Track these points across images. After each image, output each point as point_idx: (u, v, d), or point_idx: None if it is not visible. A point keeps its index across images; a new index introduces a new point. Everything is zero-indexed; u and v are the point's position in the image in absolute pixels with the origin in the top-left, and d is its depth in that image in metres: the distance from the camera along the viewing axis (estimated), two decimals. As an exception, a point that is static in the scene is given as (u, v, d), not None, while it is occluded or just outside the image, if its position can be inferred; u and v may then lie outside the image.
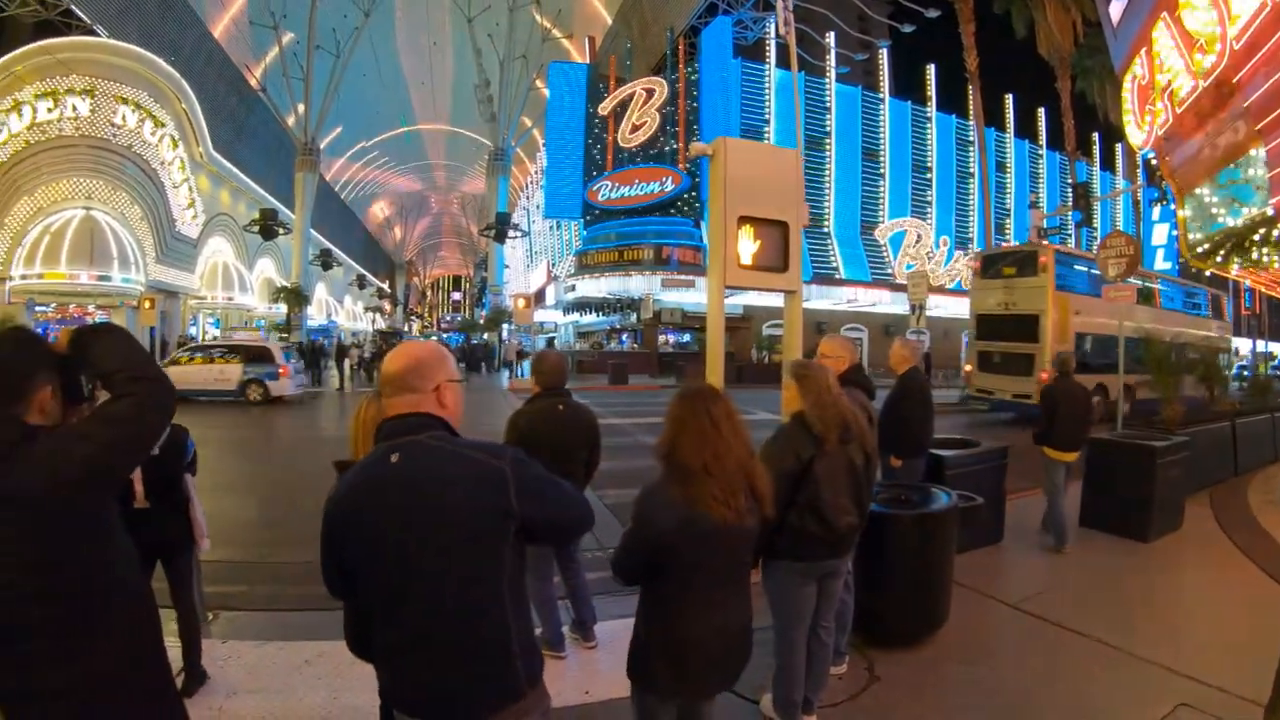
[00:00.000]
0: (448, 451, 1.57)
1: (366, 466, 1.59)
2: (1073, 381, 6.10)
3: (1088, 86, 31.73)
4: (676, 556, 2.06)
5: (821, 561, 2.92)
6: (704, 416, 2.11)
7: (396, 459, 1.55)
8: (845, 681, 3.49)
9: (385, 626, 1.56)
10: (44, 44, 27.58)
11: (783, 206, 4.93)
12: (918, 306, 17.76)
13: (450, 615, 1.52)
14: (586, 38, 38.31)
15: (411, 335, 64.99)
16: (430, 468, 1.54)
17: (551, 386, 3.77)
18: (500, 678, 1.55)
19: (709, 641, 2.12)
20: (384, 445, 1.60)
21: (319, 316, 48.69)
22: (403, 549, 1.50)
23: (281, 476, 9.47)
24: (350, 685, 3.37)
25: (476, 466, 1.55)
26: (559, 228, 43.73)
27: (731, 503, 2.05)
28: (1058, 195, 40.46)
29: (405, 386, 1.65)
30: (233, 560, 5.24)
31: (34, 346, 1.55)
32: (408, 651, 1.54)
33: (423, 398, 1.64)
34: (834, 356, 3.84)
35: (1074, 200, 25.51)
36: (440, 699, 1.54)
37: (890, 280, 33.46)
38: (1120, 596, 4.82)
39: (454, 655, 1.52)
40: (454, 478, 1.53)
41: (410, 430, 1.59)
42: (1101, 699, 3.39)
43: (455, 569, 1.52)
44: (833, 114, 33.97)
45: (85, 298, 28.43)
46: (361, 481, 1.57)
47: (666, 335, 31.45)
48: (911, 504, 4.05)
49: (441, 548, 1.51)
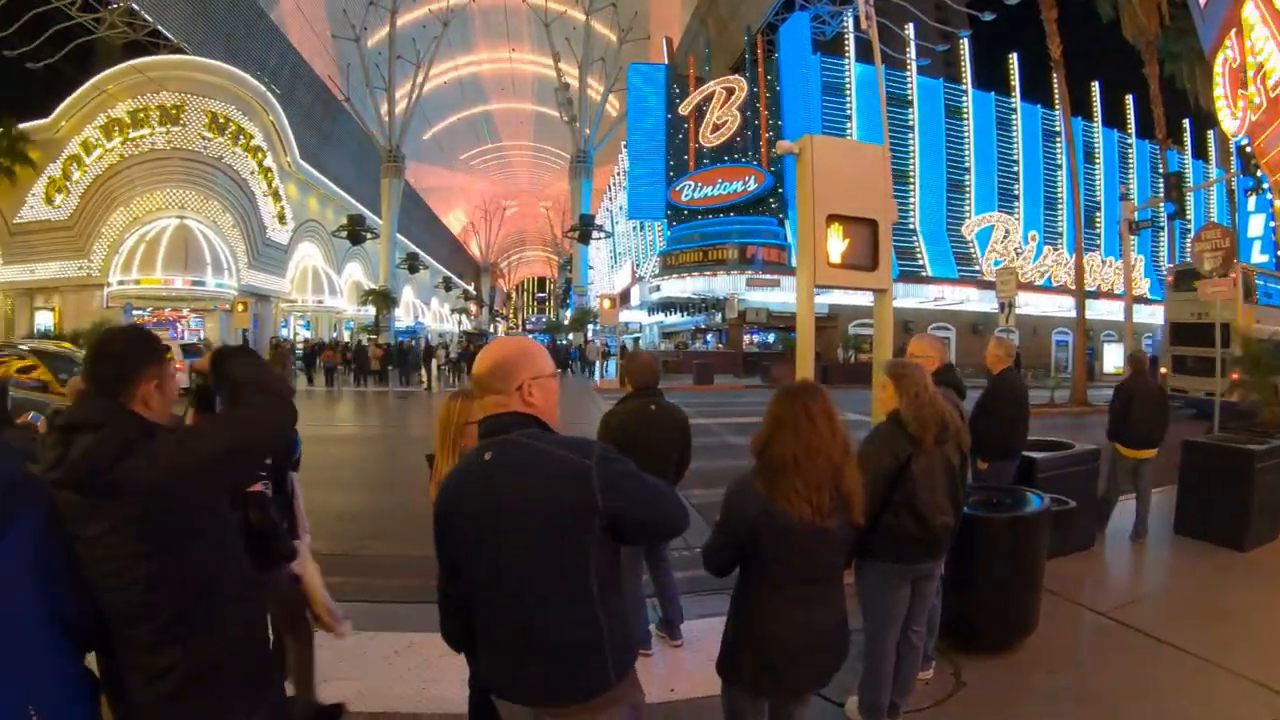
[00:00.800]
0: (537, 449, 1.60)
1: (463, 465, 1.69)
2: (1148, 379, 6.11)
3: (1176, 71, 30.34)
4: (761, 550, 2.08)
5: (917, 563, 2.88)
6: (801, 412, 2.12)
7: (489, 457, 1.61)
8: (931, 687, 3.43)
9: (481, 617, 1.65)
10: (134, 63, 29.16)
11: (871, 204, 4.86)
12: (1007, 304, 17.31)
13: (538, 608, 1.58)
14: (664, 38, 38.34)
15: (497, 335, 66.08)
16: (519, 465, 1.59)
17: (643, 386, 3.79)
18: (587, 669, 1.60)
19: (797, 640, 2.12)
20: (482, 443, 1.66)
21: (406, 318, 49.80)
22: (493, 544, 1.57)
23: (374, 471, 9.71)
24: (440, 677, 3.41)
25: (563, 464, 1.58)
26: (643, 228, 43.68)
27: (814, 500, 2.04)
28: (1148, 186, 38.84)
29: (489, 388, 1.69)
30: (329, 553, 5.22)
31: (145, 343, 1.68)
32: (500, 641, 1.63)
33: (508, 397, 1.67)
34: (924, 356, 3.75)
35: (1166, 191, 24.45)
36: (530, 686, 1.60)
37: (978, 277, 32.52)
38: (1214, 608, 4.62)
39: (542, 647, 1.58)
40: (541, 475, 1.57)
41: (503, 429, 1.64)
42: (1192, 714, 3.26)
43: (542, 564, 1.57)
44: (915, 107, 33.20)
45: (180, 302, 29.87)
46: (458, 479, 1.66)
47: (751, 335, 31.27)
48: (1003, 507, 3.97)
49: (529, 544, 1.56)
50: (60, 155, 29.29)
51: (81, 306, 28.86)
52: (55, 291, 30.16)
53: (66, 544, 1.54)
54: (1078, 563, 5.33)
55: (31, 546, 1.50)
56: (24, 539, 1.50)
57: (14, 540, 1.48)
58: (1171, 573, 5.38)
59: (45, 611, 1.54)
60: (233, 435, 1.59)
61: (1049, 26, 24.02)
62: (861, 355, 28.28)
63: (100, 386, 1.60)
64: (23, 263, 29.94)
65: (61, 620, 1.56)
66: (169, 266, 27.62)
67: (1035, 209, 36.16)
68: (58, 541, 1.54)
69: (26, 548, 1.49)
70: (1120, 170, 39.61)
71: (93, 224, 29.01)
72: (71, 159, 29.23)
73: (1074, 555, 5.39)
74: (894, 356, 3.61)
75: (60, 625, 1.56)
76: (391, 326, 34.86)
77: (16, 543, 1.48)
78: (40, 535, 1.51)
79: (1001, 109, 35.79)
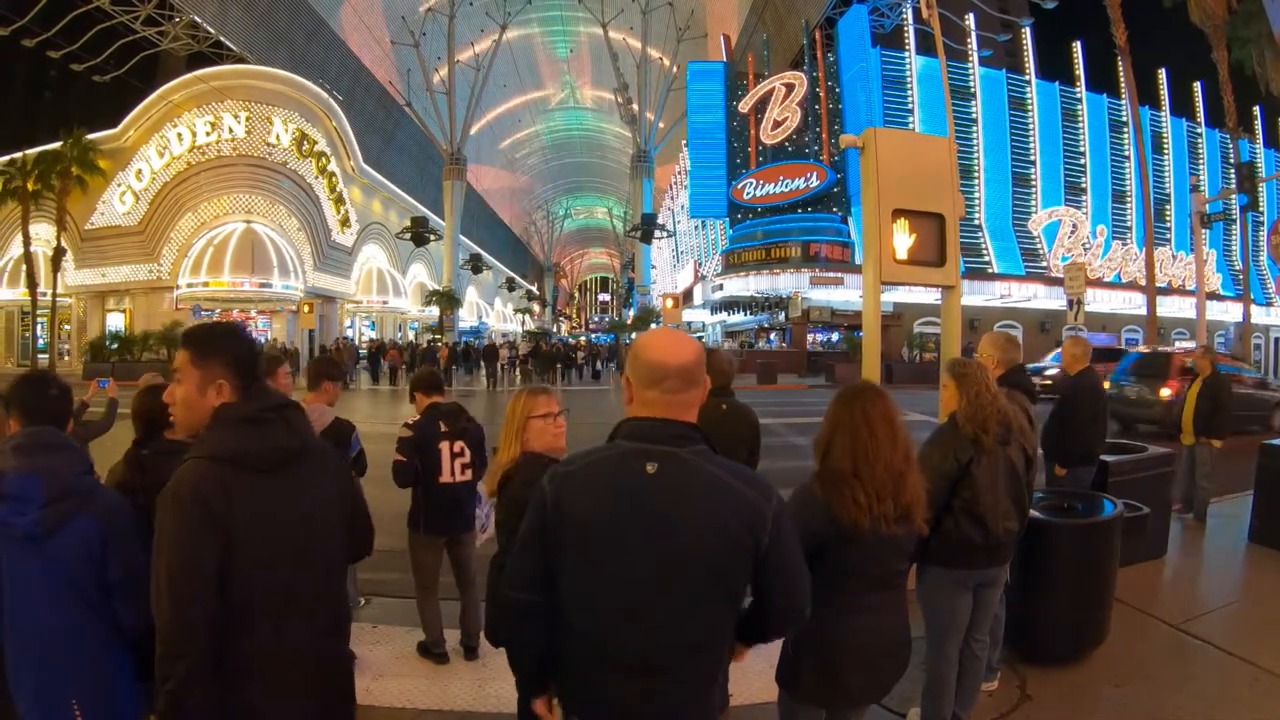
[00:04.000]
0: (715, 477, 1.43)
1: (615, 469, 1.45)
2: (1223, 376, 6.66)
3: (1245, 56, 29.17)
4: (820, 556, 2.01)
5: (978, 569, 2.78)
6: (860, 417, 2.04)
7: (654, 469, 1.41)
8: (995, 699, 3.32)
9: (589, 629, 1.46)
10: (199, 74, 30.11)
11: (937, 197, 4.70)
12: (1075, 301, 16.71)
13: (678, 644, 1.42)
14: (722, 36, 38.19)
15: (560, 336, 66.76)
16: (692, 491, 1.41)
17: (719, 387, 3.65)
18: (703, 708, 1.47)
19: (858, 648, 2.06)
20: (633, 447, 1.45)
21: (470, 319, 50.34)
22: (645, 567, 1.40)
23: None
24: (494, 675, 3.42)
25: (740, 502, 1.42)
26: (705, 227, 43.54)
27: (875, 509, 1.97)
28: (1219, 176, 37.53)
29: (696, 380, 1.49)
30: (388, 549, 5.24)
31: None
32: (617, 669, 1.43)
33: (698, 396, 1.50)
34: (985, 356, 3.61)
35: (1238, 182, 23.66)
36: (638, 717, 1.45)
37: (1045, 274, 31.80)
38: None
39: (667, 681, 1.42)
40: (716, 511, 1.40)
41: (670, 440, 1.44)
42: (1267, 736, 3.09)
43: (696, 598, 1.41)
44: (978, 99, 32.55)
45: (247, 303, 30.71)
46: (605, 483, 1.44)
47: (815, 334, 31.13)
48: (1074, 512, 3.81)
49: (692, 576, 1.41)
50: (129, 164, 30.37)
51: (152, 308, 29.99)
52: (126, 294, 31.32)
53: (132, 560, 1.64)
54: (1149, 571, 5.13)
55: (82, 552, 1.61)
56: (74, 543, 1.61)
57: (64, 540, 1.59)
58: (1247, 584, 5.14)
59: (93, 612, 1.64)
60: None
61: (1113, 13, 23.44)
62: (927, 354, 27.98)
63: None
64: (94, 267, 31.11)
65: (117, 626, 1.66)
66: (236, 269, 28.32)
67: (1103, 202, 35.25)
68: (119, 555, 1.65)
69: (77, 551, 1.61)
70: (1190, 160, 38.41)
71: (162, 229, 29.97)
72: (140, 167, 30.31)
73: (1145, 563, 5.17)
74: (962, 355, 3.52)
75: (113, 627, 1.67)
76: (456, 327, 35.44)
77: (66, 544, 1.59)
78: (92, 543, 1.63)
79: (1066, 99, 34.93)
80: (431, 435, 3.69)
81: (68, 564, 1.61)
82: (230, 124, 29.76)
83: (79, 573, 1.63)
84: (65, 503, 1.63)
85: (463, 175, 38.45)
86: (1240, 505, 6.40)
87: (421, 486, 3.72)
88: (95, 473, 1.84)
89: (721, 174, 32.82)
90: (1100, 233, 33.85)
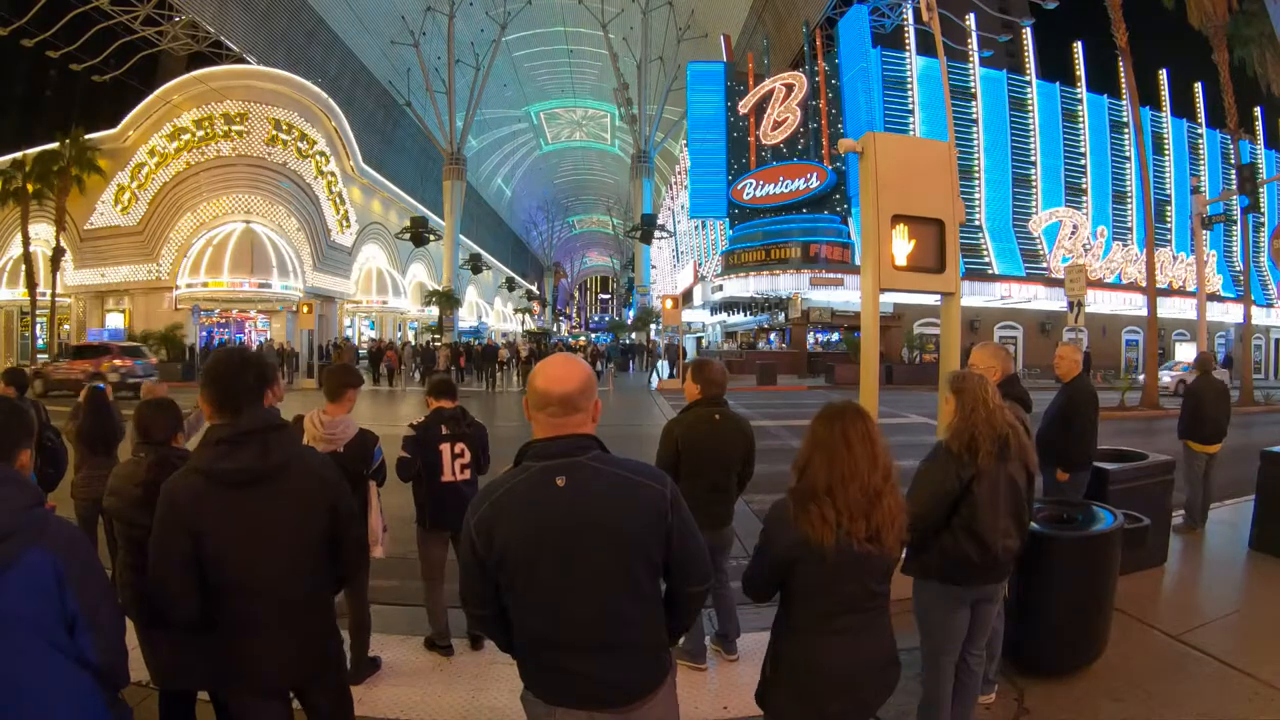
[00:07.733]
0: (617, 477, 1.64)
1: (529, 490, 1.61)
2: (1214, 379, 6.48)
3: (1247, 56, 29.01)
4: (795, 576, 2.00)
5: (976, 586, 2.75)
6: (839, 437, 2.02)
7: (563, 482, 1.60)
8: (993, 712, 3.30)
9: (543, 627, 1.63)
10: (198, 74, 30.18)
11: (937, 203, 4.63)
12: (1076, 303, 16.66)
13: (623, 623, 1.63)
14: (722, 36, 38.13)
15: (561, 336, 66.68)
16: (600, 493, 1.61)
17: (712, 396, 3.73)
18: (652, 672, 1.68)
19: (834, 671, 2.01)
20: (542, 466, 1.62)
21: (470, 319, 50.36)
22: (580, 569, 1.59)
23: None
24: (490, 685, 3.45)
25: (643, 491, 1.64)
26: (705, 227, 43.44)
27: (850, 529, 1.95)
28: (1219, 177, 37.49)
29: (578, 406, 1.66)
30: (386, 556, 5.23)
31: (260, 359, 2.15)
32: (566, 649, 1.62)
33: (586, 416, 1.68)
34: (986, 367, 3.54)
35: (1239, 184, 23.63)
36: (598, 691, 1.62)
37: (1045, 275, 31.74)
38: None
39: (615, 655, 1.63)
40: (625, 502, 1.61)
41: (570, 452, 1.63)
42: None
43: (631, 581, 1.63)
44: (978, 100, 32.50)
45: (247, 303, 30.79)
46: (524, 506, 1.60)
47: (815, 334, 31.08)
48: (1073, 524, 3.76)
49: (620, 564, 1.61)
50: (128, 164, 30.42)
51: (151, 308, 30.08)
52: (125, 294, 31.36)
53: (92, 590, 1.59)
54: (1148, 580, 5.05)
55: (36, 588, 1.50)
56: (28, 581, 1.50)
57: (15, 580, 1.48)
58: (1248, 594, 5.05)
59: (56, 651, 1.54)
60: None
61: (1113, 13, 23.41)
62: (926, 355, 27.95)
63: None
64: (93, 267, 31.18)
65: (84, 664, 1.57)
66: (236, 269, 28.42)
67: (1103, 203, 35.21)
68: (77, 587, 1.55)
69: (32, 590, 1.50)
70: (1191, 161, 38.38)
71: (161, 229, 30.04)
72: (139, 167, 30.34)
73: (1144, 572, 5.10)
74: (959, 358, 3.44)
75: (81, 664, 1.57)
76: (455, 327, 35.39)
77: (18, 583, 1.49)
78: (47, 578, 1.52)
79: (1067, 100, 34.89)
80: (434, 436, 3.91)
81: (22, 604, 1.51)
82: (230, 124, 29.80)
83: (36, 610, 1.52)
84: (12, 540, 1.51)
85: (462, 175, 38.47)
86: (1239, 512, 6.36)
87: (425, 485, 3.94)
88: (47, 504, 1.69)
89: (721, 174, 32.72)
90: (1101, 234, 33.79)
